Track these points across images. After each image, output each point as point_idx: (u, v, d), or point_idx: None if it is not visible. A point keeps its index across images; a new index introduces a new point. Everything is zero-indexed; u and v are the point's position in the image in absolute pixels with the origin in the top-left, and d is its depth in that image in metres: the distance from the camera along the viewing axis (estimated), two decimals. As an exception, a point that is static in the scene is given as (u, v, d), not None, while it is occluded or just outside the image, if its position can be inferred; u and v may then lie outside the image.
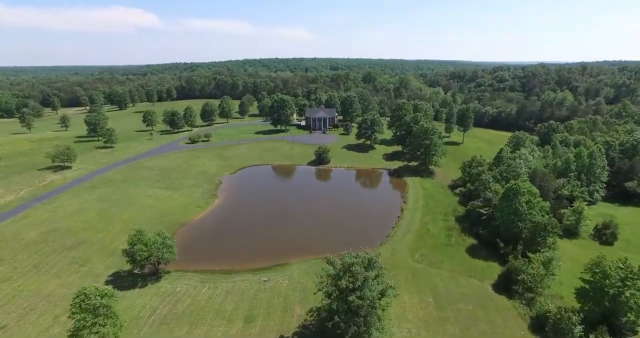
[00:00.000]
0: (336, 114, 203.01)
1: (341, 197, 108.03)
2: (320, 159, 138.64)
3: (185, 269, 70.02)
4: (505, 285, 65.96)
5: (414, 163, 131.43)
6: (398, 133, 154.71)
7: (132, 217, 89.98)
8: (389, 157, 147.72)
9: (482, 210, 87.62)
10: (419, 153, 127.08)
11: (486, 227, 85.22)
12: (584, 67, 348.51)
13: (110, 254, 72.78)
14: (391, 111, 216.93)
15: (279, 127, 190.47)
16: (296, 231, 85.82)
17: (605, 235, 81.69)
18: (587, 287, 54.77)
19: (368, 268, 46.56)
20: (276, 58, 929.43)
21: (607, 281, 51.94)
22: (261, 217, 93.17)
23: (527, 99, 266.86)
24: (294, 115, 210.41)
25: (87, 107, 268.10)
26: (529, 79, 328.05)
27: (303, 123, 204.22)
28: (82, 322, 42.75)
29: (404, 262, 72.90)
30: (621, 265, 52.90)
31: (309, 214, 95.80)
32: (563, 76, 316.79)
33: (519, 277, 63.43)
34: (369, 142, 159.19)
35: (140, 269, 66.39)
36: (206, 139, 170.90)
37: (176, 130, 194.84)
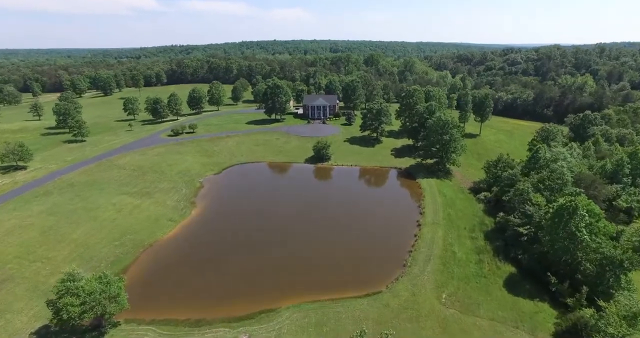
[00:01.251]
0: (337, 102, 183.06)
1: (345, 207, 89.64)
2: (320, 155, 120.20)
3: (140, 318, 52.76)
4: (569, 345, 49.04)
5: (428, 161, 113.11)
6: (409, 124, 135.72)
7: (85, 237, 72.25)
8: (399, 152, 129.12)
9: (521, 229, 69.97)
10: (434, 149, 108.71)
11: (527, 251, 67.86)
12: (601, 49, 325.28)
13: (43, 296, 55.16)
14: (399, 98, 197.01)
15: (273, 117, 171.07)
16: (288, 257, 68.13)
17: (683, 264, 64.06)
18: None
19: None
20: (274, 40, 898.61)
21: None
22: (244, 237, 75.32)
23: (542, 84, 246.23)
24: (291, 102, 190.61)
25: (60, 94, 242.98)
26: (543, 62, 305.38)
27: (300, 111, 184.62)
28: None
29: (429, 306, 55.53)
30: None
31: (304, 232, 77.84)
32: (581, 59, 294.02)
33: (590, 338, 46.31)
34: (375, 135, 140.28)
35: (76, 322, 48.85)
36: (191, 130, 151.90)
37: (160, 120, 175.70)
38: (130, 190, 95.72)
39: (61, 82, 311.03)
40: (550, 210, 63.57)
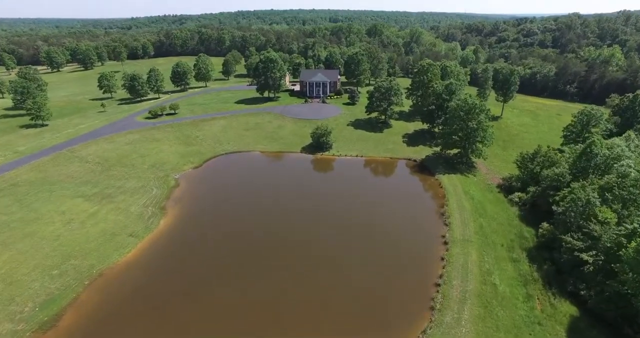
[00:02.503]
0: (338, 77, 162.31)
1: (350, 217, 71.24)
2: (319, 143, 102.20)
3: None
4: None
5: (449, 152, 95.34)
6: (422, 105, 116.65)
7: (12, 265, 55.49)
8: (412, 139, 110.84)
9: (584, 256, 53.09)
10: (456, 138, 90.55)
11: (591, 285, 51.23)
12: (627, 17, 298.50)
13: None
14: (405, 72, 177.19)
15: (266, 95, 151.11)
16: (278, 295, 51.47)
17: None
18: None
19: None
20: (272, 10, 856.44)
21: None
22: (221, 261, 58.52)
23: (563, 57, 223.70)
24: (287, 77, 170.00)
25: (27, 67, 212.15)
26: (562, 32, 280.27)
27: (297, 88, 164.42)
28: None
29: (475, 383, 39.49)
30: None
31: (298, 257, 60.80)
32: (606, 28, 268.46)
33: None
34: (383, 117, 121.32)
35: None
36: (172, 111, 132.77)
37: (139, 99, 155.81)
38: (88, 192, 78.33)
39: (39, 55, 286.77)
40: (636, 238, 46.30)
